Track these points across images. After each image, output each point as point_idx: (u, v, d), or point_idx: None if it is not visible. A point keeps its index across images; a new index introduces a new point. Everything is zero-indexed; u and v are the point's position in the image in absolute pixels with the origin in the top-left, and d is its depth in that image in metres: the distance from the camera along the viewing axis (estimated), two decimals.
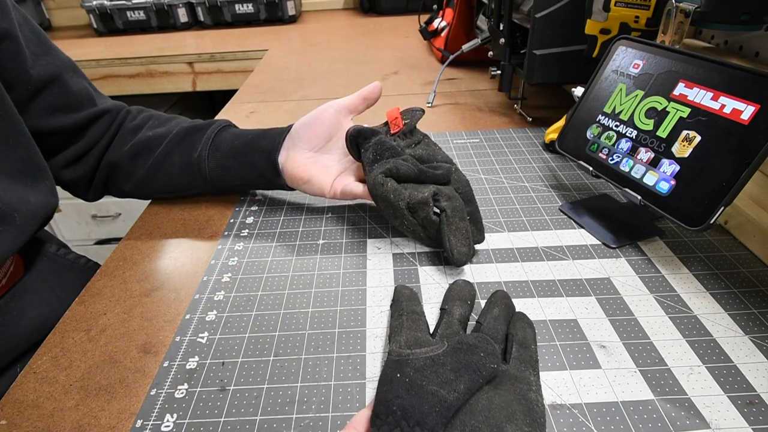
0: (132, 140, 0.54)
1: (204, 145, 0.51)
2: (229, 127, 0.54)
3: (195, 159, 0.51)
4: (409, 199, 0.41)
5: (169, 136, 0.53)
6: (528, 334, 0.33)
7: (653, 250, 0.44)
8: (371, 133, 0.45)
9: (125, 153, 0.53)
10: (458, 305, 0.35)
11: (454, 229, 0.41)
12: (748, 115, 0.36)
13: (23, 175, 0.45)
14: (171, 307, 0.41)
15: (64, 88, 0.51)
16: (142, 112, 0.58)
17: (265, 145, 0.50)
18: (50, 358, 0.37)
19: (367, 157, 0.44)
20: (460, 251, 0.41)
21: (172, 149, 0.52)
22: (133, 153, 0.53)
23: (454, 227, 0.41)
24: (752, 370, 0.32)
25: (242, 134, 0.52)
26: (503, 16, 0.69)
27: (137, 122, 0.56)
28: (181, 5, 1.48)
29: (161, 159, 0.52)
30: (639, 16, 0.51)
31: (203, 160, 0.51)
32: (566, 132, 0.51)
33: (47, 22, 1.71)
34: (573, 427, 0.30)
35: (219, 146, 0.51)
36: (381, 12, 1.60)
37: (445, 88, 0.88)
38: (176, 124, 0.54)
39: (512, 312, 0.36)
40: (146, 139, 0.53)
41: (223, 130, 0.53)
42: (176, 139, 0.52)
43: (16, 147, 0.45)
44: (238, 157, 0.50)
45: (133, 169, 0.53)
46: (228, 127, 0.54)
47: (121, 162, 0.53)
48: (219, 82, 1.28)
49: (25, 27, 0.48)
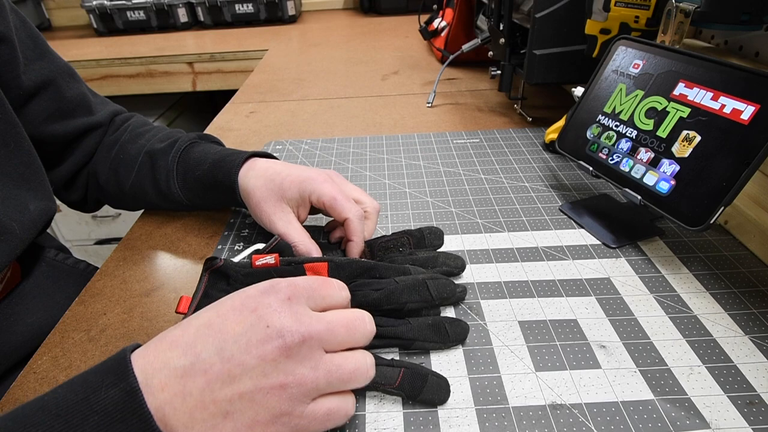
0: (109, 158, 0.53)
1: (170, 176, 0.49)
2: (193, 145, 0.50)
3: (166, 191, 0.49)
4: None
5: (137, 163, 0.51)
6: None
7: (653, 250, 0.44)
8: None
9: (106, 173, 0.53)
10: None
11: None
12: (748, 115, 0.36)
13: (24, 180, 0.45)
14: (171, 307, 0.41)
15: (58, 94, 0.50)
16: (124, 122, 0.57)
17: (223, 180, 0.45)
18: (50, 358, 0.37)
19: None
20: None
21: (143, 178, 0.50)
22: (111, 176, 0.52)
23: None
24: (752, 370, 0.32)
25: (201, 161, 0.48)
26: (503, 16, 0.69)
27: (115, 136, 0.55)
28: (181, 5, 1.48)
29: (136, 188, 0.51)
30: (639, 16, 0.51)
31: (176, 194, 0.49)
32: (566, 132, 0.51)
33: (47, 22, 1.71)
34: (573, 427, 0.30)
35: (185, 176, 0.48)
36: (381, 12, 1.60)
37: (445, 88, 0.88)
38: (143, 145, 0.52)
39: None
40: (120, 162, 0.52)
41: (185, 152, 0.49)
42: (145, 167, 0.50)
43: (18, 151, 0.45)
44: (206, 190, 0.48)
45: (116, 193, 0.53)
46: (190, 146, 0.50)
47: (104, 185, 0.53)
48: (219, 82, 1.28)
49: (21, 30, 0.48)
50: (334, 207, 0.40)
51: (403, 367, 0.32)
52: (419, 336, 0.34)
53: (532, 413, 0.31)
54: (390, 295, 0.35)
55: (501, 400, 0.31)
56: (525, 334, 0.36)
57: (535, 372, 0.33)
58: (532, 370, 0.33)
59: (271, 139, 0.70)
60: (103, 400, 0.22)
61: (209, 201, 0.50)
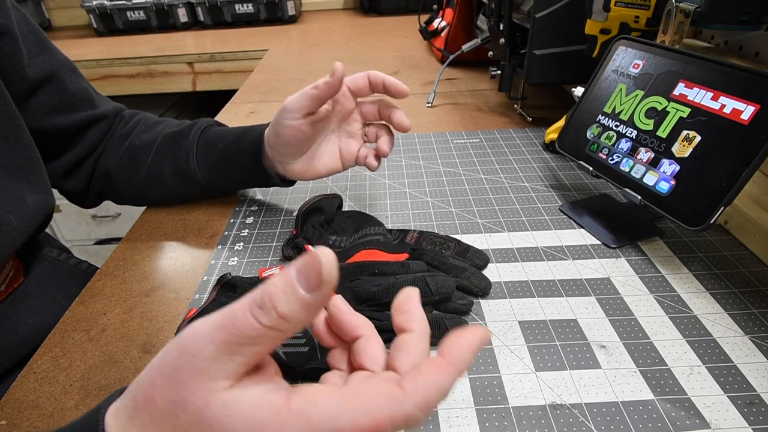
0: (122, 149, 0.53)
1: (191, 152, 0.50)
2: (211, 127, 0.52)
3: (185, 168, 0.50)
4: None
5: (155, 145, 0.52)
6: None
7: (653, 250, 0.44)
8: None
9: (117, 163, 0.53)
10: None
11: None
12: (748, 115, 0.36)
13: (23, 173, 0.45)
14: (171, 307, 0.41)
15: (60, 87, 0.50)
16: (134, 116, 0.57)
17: (249, 148, 0.47)
18: (50, 358, 0.37)
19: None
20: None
21: (161, 159, 0.51)
22: (125, 164, 0.53)
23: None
24: (752, 370, 0.32)
25: (224, 136, 0.50)
26: (503, 16, 0.69)
27: (127, 128, 0.55)
28: (181, 5, 1.48)
29: (153, 170, 0.51)
30: (639, 16, 0.51)
31: (194, 171, 0.50)
32: (566, 132, 0.51)
33: (47, 22, 1.71)
34: (573, 427, 0.30)
35: (206, 152, 0.50)
36: (381, 12, 1.60)
37: (445, 88, 0.88)
38: (161, 130, 0.53)
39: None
40: (135, 148, 0.53)
41: (205, 131, 0.51)
42: (163, 147, 0.51)
43: (18, 144, 0.45)
44: (227, 162, 0.49)
45: (126, 180, 0.53)
46: (209, 127, 0.52)
47: (114, 172, 0.53)
48: (219, 82, 1.28)
49: (23, 25, 0.48)
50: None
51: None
52: None
53: (532, 413, 0.31)
54: (390, 288, 0.35)
55: (501, 400, 0.31)
56: (525, 334, 0.36)
57: (535, 372, 0.33)
58: (532, 370, 0.33)
59: None
60: None
61: (229, 178, 0.50)
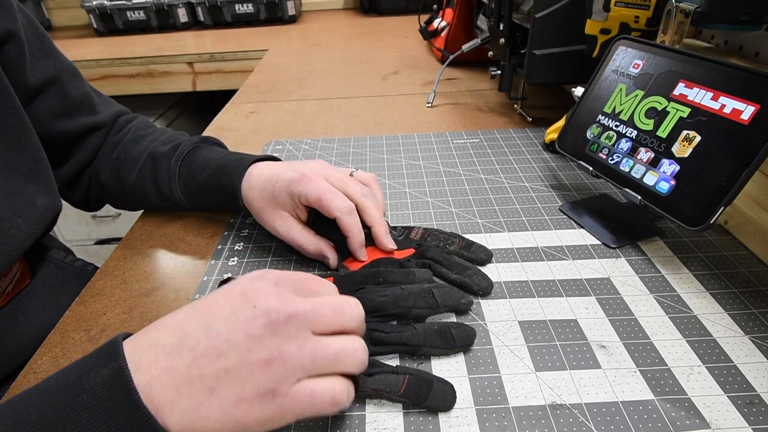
0: (111, 160, 0.53)
1: (173, 179, 0.49)
2: (196, 149, 0.50)
3: (167, 193, 0.49)
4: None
5: (139, 164, 0.51)
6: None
7: (653, 250, 0.44)
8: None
9: (107, 174, 0.53)
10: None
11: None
12: (748, 115, 0.36)
13: (34, 175, 0.46)
14: (171, 307, 0.41)
15: (62, 92, 0.50)
16: (128, 123, 0.57)
17: (226, 186, 0.45)
18: (50, 358, 0.37)
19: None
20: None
21: (144, 179, 0.51)
22: (113, 176, 0.53)
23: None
24: (752, 370, 0.32)
25: (205, 166, 0.47)
26: (503, 16, 0.69)
27: (117, 137, 0.55)
28: (181, 5, 1.48)
29: (137, 188, 0.51)
30: (639, 16, 0.51)
31: (177, 197, 0.49)
32: (566, 132, 0.51)
33: (47, 22, 1.71)
34: (573, 427, 0.30)
35: (187, 181, 0.48)
36: (381, 12, 1.60)
37: (445, 88, 0.88)
38: (146, 146, 0.52)
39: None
40: (121, 162, 0.52)
41: (188, 156, 0.49)
42: (146, 168, 0.50)
43: (28, 147, 0.45)
44: (207, 193, 0.48)
45: (116, 192, 0.54)
46: (194, 150, 0.50)
47: (105, 183, 0.54)
48: (219, 82, 1.28)
49: (28, 29, 0.48)
50: (322, 206, 0.41)
51: (408, 374, 0.32)
52: (425, 342, 0.34)
53: (532, 413, 0.31)
54: (396, 300, 0.35)
55: (501, 400, 0.31)
56: (525, 334, 0.36)
57: (535, 372, 0.33)
58: (532, 370, 0.33)
59: (271, 140, 0.70)
60: (93, 379, 0.23)
61: (211, 205, 0.50)
